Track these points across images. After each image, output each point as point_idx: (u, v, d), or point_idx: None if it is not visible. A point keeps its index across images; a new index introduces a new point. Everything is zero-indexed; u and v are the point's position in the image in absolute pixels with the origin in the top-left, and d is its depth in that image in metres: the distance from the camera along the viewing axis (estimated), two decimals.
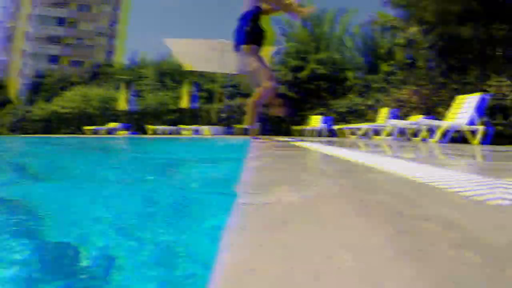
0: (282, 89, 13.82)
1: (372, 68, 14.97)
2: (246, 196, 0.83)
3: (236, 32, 4.50)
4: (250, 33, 4.37)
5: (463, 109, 5.64)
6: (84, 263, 0.62)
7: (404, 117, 8.12)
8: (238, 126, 13.77)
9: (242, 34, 4.39)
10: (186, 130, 13.44)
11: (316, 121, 12.29)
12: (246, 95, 15.93)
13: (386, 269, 0.38)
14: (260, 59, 4.43)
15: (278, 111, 4.66)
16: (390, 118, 8.24)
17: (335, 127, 9.84)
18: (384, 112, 8.74)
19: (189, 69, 14.56)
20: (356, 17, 18.96)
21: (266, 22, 4.59)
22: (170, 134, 14.16)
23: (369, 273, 0.37)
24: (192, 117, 15.26)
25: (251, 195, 0.84)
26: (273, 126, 14.70)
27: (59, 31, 47.73)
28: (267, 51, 12.11)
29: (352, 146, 3.47)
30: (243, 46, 4.37)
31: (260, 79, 4.29)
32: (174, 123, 15.44)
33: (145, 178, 1.78)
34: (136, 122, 15.90)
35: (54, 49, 47.22)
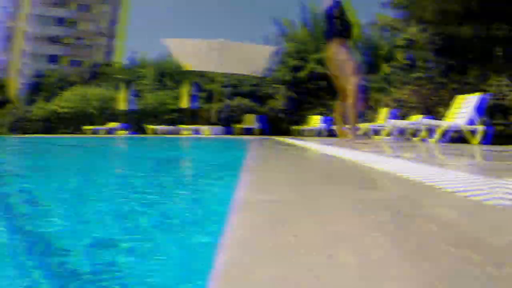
0: (281, 89, 13.83)
1: (372, 68, 14.98)
2: None
3: (326, 27, 4.90)
4: (338, 29, 4.63)
5: (463, 109, 5.64)
6: None
7: (403, 117, 8.11)
8: (238, 126, 13.75)
9: (330, 29, 4.71)
10: (186, 130, 13.42)
11: (315, 121, 12.29)
12: (245, 95, 15.93)
13: (386, 266, 0.38)
14: (348, 52, 4.61)
15: (360, 106, 4.71)
16: (389, 118, 8.24)
17: (335, 127, 9.82)
18: (383, 112, 8.73)
19: (189, 69, 14.54)
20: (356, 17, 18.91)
21: (352, 14, 4.77)
22: (170, 134, 14.15)
23: (369, 271, 0.37)
24: (191, 117, 15.25)
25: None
26: (272, 126, 14.71)
27: (59, 31, 47.68)
28: (267, 51, 12.13)
29: (351, 147, 3.47)
30: (333, 40, 4.63)
31: (346, 72, 4.50)
32: (173, 123, 15.45)
33: None
34: (136, 122, 15.89)
35: (54, 49, 47.12)
